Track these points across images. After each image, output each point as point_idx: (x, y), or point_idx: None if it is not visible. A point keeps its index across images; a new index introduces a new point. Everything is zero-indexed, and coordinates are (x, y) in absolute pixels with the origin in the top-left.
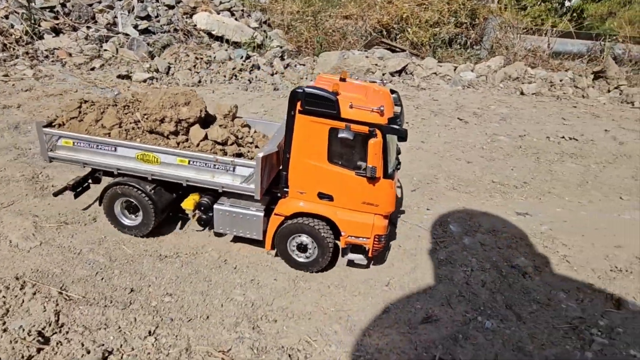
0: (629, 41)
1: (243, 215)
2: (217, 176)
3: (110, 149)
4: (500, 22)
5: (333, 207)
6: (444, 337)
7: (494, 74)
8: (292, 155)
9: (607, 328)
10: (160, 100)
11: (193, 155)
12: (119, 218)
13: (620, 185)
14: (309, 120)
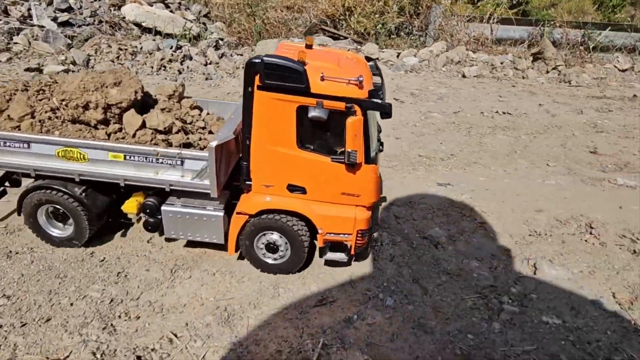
0: (565, 25)
1: (198, 216)
2: (163, 172)
3: (21, 146)
4: (444, 11)
5: (307, 200)
6: (337, 320)
7: (436, 58)
8: (253, 142)
9: (519, 295)
10: (82, 82)
11: (128, 149)
12: (46, 229)
13: (548, 153)
14: (271, 98)
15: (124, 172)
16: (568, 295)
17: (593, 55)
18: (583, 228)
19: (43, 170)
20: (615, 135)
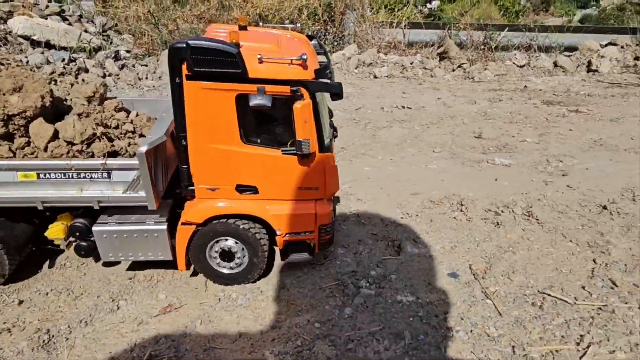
0: (469, 28)
1: (138, 233)
2: (87, 188)
3: None
4: (358, 17)
5: (260, 201)
6: (179, 327)
7: (348, 61)
8: (190, 141)
9: (378, 277)
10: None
11: (40, 165)
12: None
13: (437, 141)
14: (204, 88)
15: (40, 194)
16: (427, 272)
17: (495, 54)
18: (455, 206)
19: None
20: (501, 121)
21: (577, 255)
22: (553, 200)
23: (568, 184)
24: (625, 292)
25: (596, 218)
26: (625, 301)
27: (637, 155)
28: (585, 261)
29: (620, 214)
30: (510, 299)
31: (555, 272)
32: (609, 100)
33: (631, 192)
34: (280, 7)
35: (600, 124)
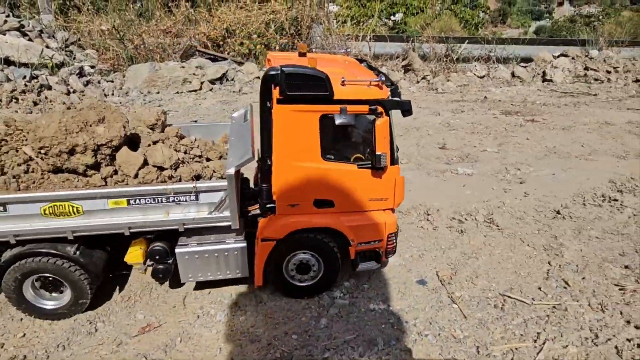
0: (432, 41)
1: (219, 252)
2: (174, 212)
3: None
4: (325, 30)
5: (335, 213)
6: (157, 346)
7: None
8: (276, 161)
9: (351, 287)
10: (62, 124)
11: (135, 192)
12: (36, 304)
13: (404, 152)
14: (293, 110)
15: (128, 219)
16: (397, 280)
17: (457, 66)
18: (422, 216)
19: (26, 235)
20: (463, 132)
21: (534, 258)
22: (511, 207)
23: (525, 191)
24: (576, 291)
25: (551, 222)
26: (577, 299)
27: (586, 162)
28: (541, 263)
29: (572, 218)
30: (474, 302)
31: (514, 275)
32: (562, 109)
33: (582, 197)
34: (247, 22)
35: (554, 132)
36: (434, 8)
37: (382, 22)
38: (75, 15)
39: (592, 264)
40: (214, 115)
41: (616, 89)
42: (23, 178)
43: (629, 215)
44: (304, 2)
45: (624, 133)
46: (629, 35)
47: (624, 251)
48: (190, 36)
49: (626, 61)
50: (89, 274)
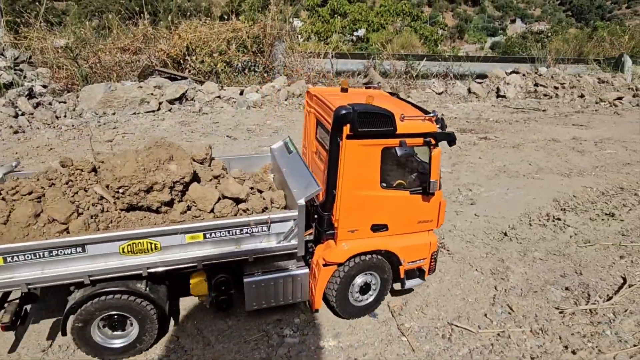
0: (392, 58)
1: (284, 279)
2: (245, 243)
3: (74, 251)
4: (287, 48)
5: (389, 236)
6: None
7: (278, 93)
8: (342, 191)
9: (302, 324)
10: (139, 163)
11: (213, 226)
12: (104, 344)
13: None
14: (360, 144)
15: (202, 253)
16: None
17: (417, 82)
18: None
19: (102, 274)
20: None
21: (482, 284)
22: (462, 231)
23: (475, 213)
24: (520, 316)
25: (498, 245)
26: (520, 325)
27: (534, 180)
28: (488, 289)
29: (518, 239)
30: (423, 334)
31: (463, 301)
32: (513, 125)
33: (528, 217)
34: (208, 39)
35: (504, 150)
36: (394, 25)
37: (345, 38)
38: (25, 32)
39: (535, 287)
40: (172, 137)
41: (563, 104)
42: (101, 217)
43: (570, 235)
44: (265, 20)
45: (568, 150)
46: (575, 52)
47: (565, 272)
48: (149, 54)
49: (572, 77)
50: (158, 308)
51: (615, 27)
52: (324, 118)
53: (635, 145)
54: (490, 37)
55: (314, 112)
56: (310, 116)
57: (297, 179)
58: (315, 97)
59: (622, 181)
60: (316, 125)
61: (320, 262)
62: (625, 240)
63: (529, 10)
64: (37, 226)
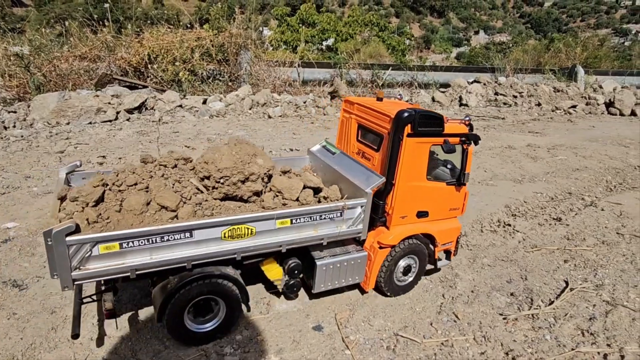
0: (358, 67)
1: (348, 262)
2: (321, 228)
3: (183, 237)
4: (253, 57)
5: (428, 222)
6: None
7: (242, 102)
8: (399, 181)
9: (244, 341)
10: (237, 156)
11: (304, 212)
12: (193, 329)
13: None
14: (416, 142)
15: (287, 238)
16: (293, 328)
17: (383, 91)
18: None
19: (202, 259)
20: None
21: (430, 292)
22: None
23: None
24: (465, 324)
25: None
26: (464, 333)
27: (488, 187)
28: (436, 297)
29: (469, 246)
30: (367, 346)
31: (410, 311)
32: None
33: (480, 224)
34: (171, 47)
35: None
36: (363, 35)
37: (315, 47)
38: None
39: (481, 294)
40: (128, 147)
41: (522, 112)
42: (204, 205)
43: (519, 240)
44: (230, 29)
45: (522, 157)
46: (534, 62)
47: (511, 278)
48: (109, 62)
49: (529, 86)
50: (242, 291)
51: (569, 39)
52: (370, 122)
53: (584, 151)
54: (455, 48)
55: (356, 117)
56: (351, 121)
57: (355, 173)
58: (358, 105)
59: (571, 186)
60: (358, 128)
61: (375, 245)
62: (570, 244)
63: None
64: (149, 213)
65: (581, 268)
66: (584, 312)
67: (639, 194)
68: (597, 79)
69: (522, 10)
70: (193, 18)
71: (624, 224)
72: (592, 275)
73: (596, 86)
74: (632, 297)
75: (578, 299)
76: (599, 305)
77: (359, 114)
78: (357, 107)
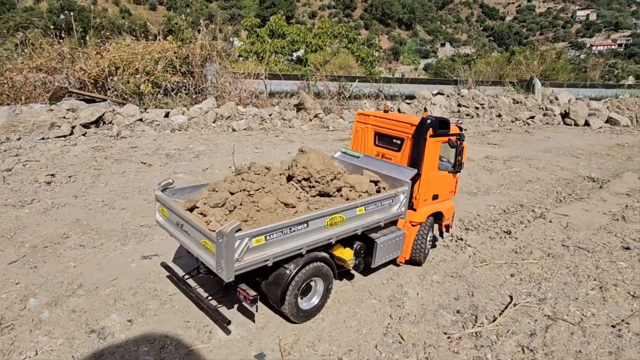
0: (325, 79)
1: (394, 239)
2: (381, 213)
3: (303, 227)
4: (219, 69)
5: (438, 203)
6: None
7: (205, 115)
8: (423, 172)
9: None
10: (323, 160)
11: (377, 198)
12: (304, 307)
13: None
14: (434, 141)
15: (361, 223)
16: (235, 357)
17: (350, 103)
18: None
19: (314, 244)
20: None
21: (378, 312)
22: None
23: None
24: (409, 345)
25: (400, 269)
26: (407, 355)
27: None
28: (383, 317)
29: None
30: None
31: (356, 333)
32: None
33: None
34: (133, 59)
35: None
36: (332, 46)
37: (285, 58)
38: None
39: (428, 312)
40: (81, 164)
41: (483, 123)
42: (312, 201)
43: (469, 255)
44: (194, 41)
45: (479, 169)
46: (496, 74)
47: (458, 295)
48: (67, 74)
49: (490, 98)
50: (333, 269)
51: (526, 52)
52: (389, 129)
53: (538, 162)
54: (423, 59)
55: (372, 126)
56: (367, 130)
57: (389, 169)
58: (373, 116)
59: (523, 198)
60: (375, 135)
61: (408, 224)
62: (517, 257)
63: (456, 35)
64: (279, 211)
65: (526, 282)
66: (525, 327)
67: (585, 205)
68: (553, 91)
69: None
70: (161, 28)
71: (569, 236)
72: (536, 289)
73: (552, 98)
74: (572, 310)
75: (521, 314)
76: (540, 320)
77: (376, 124)
78: (373, 118)
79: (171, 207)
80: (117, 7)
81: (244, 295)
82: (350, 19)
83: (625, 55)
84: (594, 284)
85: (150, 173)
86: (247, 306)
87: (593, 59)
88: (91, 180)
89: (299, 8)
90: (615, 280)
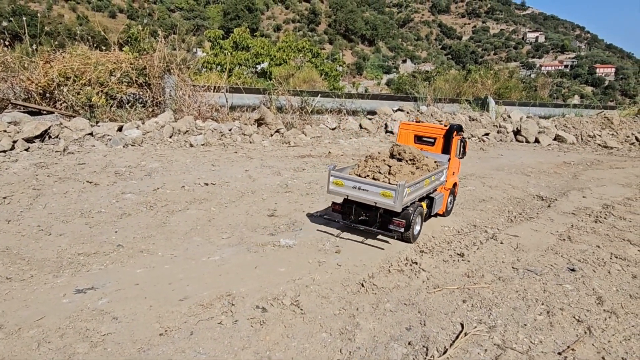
0: (287, 94)
1: (440, 198)
2: (436, 182)
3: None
4: (178, 81)
5: (453, 176)
6: None
7: (161, 129)
8: (452, 158)
9: None
10: (414, 149)
11: (439, 170)
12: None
13: (229, 223)
14: (457, 138)
15: (432, 185)
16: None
17: (312, 118)
18: (225, 307)
19: (424, 193)
20: (298, 194)
21: (328, 347)
22: (319, 285)
23: (338, 262)
24: None
25: (352, 298)
26: None
27: None
28: (333, 353)
29: (374, 290)
30: None
31: None
32: None
33: (388, 263)
34: (85, 69)
35: None
36: (296, 60)
37: (249, 71)
38: None
39: (380, 345)
40: (19, 183)
41: None
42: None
43: (423, 280)
44: (152, 52)
45: None
46: (454, 91)
47: (410, 324)
48: (12, 84)
49: (448, 115)
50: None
51: (482, 71)
52: (425, 132)
53: (491, 180)
54: (385, 74)
55: (412, 131)
56: (409, 133)
57: (434, 156)
58: (413, 125)
59: (476, 218)
60: (414, 137)
61: (442, 190)
62: (470, 282)
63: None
64: (416, 174)
65: (477, 308)
66: (475, 358)
67: (535, 224)
68: (505, 109)
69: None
70: (120, 37)
71: (519, 258)
72: (486, 315)
73: (505, 116)
74: (520, 337)
75: (471, 344)
76: (490, 349)
77: (415, 129)
78: (413, 126)
79: (350, 178)
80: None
81: (398, 223)
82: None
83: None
84: (542, 309)
85: (96, 193)
86: (397, 229)
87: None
88: (28, 201)
89: (263, 21)
90: (561, 304)
